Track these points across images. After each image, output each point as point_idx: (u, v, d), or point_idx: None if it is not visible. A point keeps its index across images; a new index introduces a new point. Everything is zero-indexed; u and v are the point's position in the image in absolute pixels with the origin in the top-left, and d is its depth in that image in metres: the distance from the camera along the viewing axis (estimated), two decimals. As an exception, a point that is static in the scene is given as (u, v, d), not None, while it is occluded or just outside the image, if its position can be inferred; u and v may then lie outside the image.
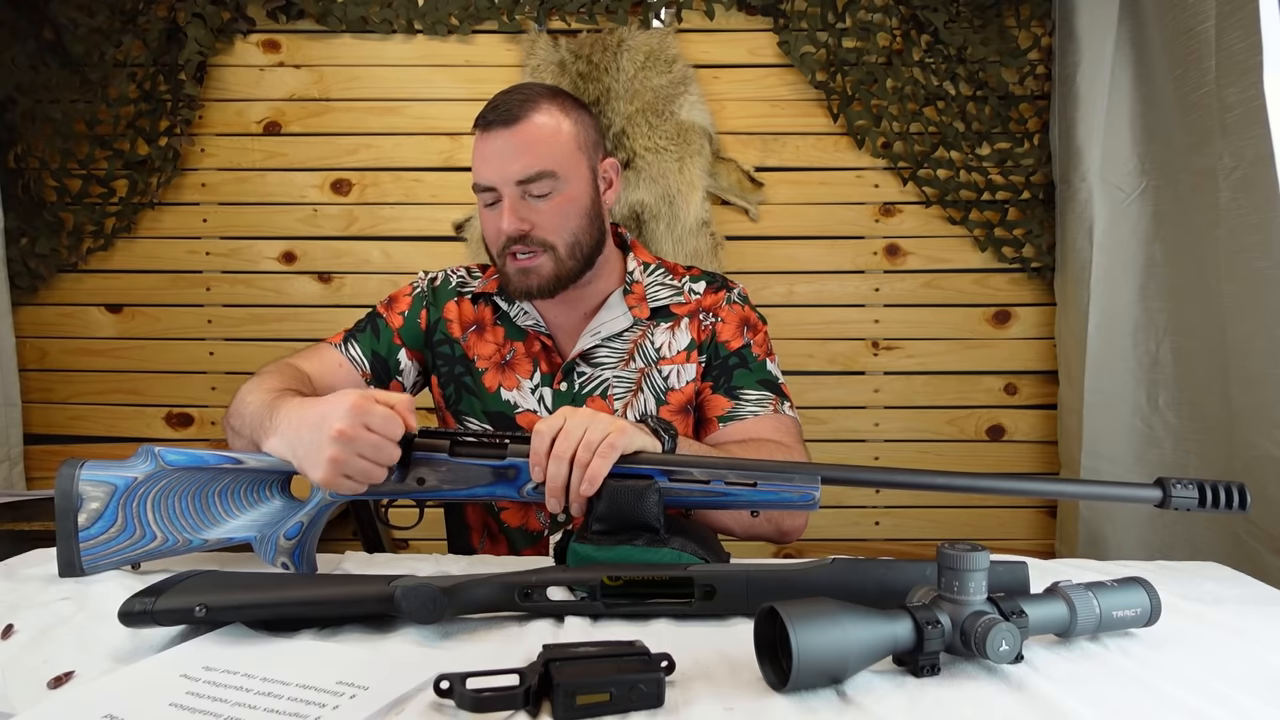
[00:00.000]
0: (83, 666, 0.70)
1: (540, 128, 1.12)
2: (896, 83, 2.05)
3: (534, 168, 1.11)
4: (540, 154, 1.12)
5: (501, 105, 1.13)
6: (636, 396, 1.21)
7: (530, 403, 1.21)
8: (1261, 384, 1.36)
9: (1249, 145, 1.36)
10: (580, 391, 1.21)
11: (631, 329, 1.22)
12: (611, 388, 1.20)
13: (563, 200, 1.14)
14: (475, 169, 1.14)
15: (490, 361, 1.24)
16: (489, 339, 1.25)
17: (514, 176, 1.11)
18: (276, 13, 2.06)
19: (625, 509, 0.88)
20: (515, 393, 1.22)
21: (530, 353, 1.23)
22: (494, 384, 1.23)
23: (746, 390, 1.20)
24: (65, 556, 0.91)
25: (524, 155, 1.11)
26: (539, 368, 1.22)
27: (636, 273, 1.26)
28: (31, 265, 2.07)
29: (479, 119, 1.14)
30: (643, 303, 1.24)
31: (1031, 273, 2.09)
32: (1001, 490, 0.92)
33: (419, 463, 0.93)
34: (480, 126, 1.14)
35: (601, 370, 1.21)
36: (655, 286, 1.26)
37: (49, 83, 2.03)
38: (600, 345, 1.22)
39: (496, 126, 1.12)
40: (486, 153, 1.13)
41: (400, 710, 0.62)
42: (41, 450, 2.12)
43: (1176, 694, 0.65)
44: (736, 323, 1.25)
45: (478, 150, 1.14)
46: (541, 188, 1.12)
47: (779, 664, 0.66)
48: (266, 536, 0.93)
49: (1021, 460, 2.14)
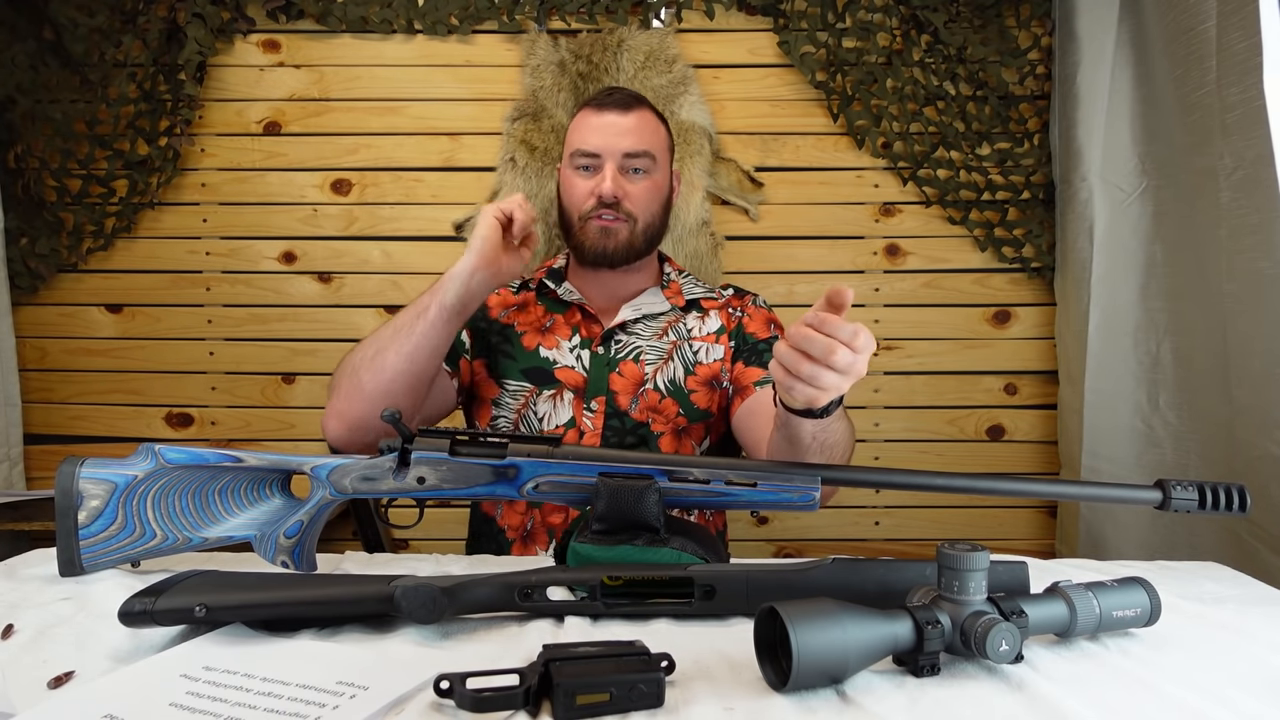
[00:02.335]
0: (83, 666, 0.70)
1: (647, 119, 1.33)
2: (896, 83, 2.05)
3: (641, 146, 1.30)
4: (646, 137, 1.31)
5: (616, 94, 1.33)
6: (667, 364, 1.33)
7: (568, 359, 1.32)
8: (1262, 384, 1.36)
9: (1250, 145, 1.36)
10: (615, 356, 1.33)
11: (668, 313, 1.37)
12: (644, 354, 1.33)
13: (652, 184, 1.32)
14: (581, 137, 1.31)
15: (530, 326, 1.36)
16: (530, 313, 1.37)
17: (623, 149, 1.29)
18: (276, 13, 2.06)
19: (625, 509, 0.88)
20: (555, 351, 1.33)
21: (570, 321, 1.36)
22: (533, 344, 1.34)
23: None
24: (65, 554, 0.91)
25: (634, 134, 1.30)
26: (579, 333, 1.34)
27: (672, 274, 1.44)
28: (31, 265, 2.07)
29: (591, 100, 1.33)
30: (679, 296, 1.40)
31: (1031, 273, 2.09)
32: (1001, 491, 0.93)
33: (419, 462, 0.93)
34: (593, 105, 1.32)
35: (636, 339, 1.34)
36: (689, 285, 1.43)
37: (49, 83, 2.03)
38: (638, 320, 1.35)
39: (611, 108, 1.30)
40: (598, 124, 1.30)
41: (400, 710, 0.62)
42: (41, 450, 2.12)
43: (1176, 694, 0.65)
44: (763, 320, 1.39)
45: (586, 123, 1.31)
46: (642, 163, 1.30)
47: (779, 664, 0.66)
48: (266, 535, 0.94)
49: (1021, 460, 2.14)
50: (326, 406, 1.18)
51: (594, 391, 1.30)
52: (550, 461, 0.92)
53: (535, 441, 0.94)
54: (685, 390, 1.32)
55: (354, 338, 2.12)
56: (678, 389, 1.31)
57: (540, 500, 0.92)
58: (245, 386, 2.14)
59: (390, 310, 2.13)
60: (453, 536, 1.38)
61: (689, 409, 1.31)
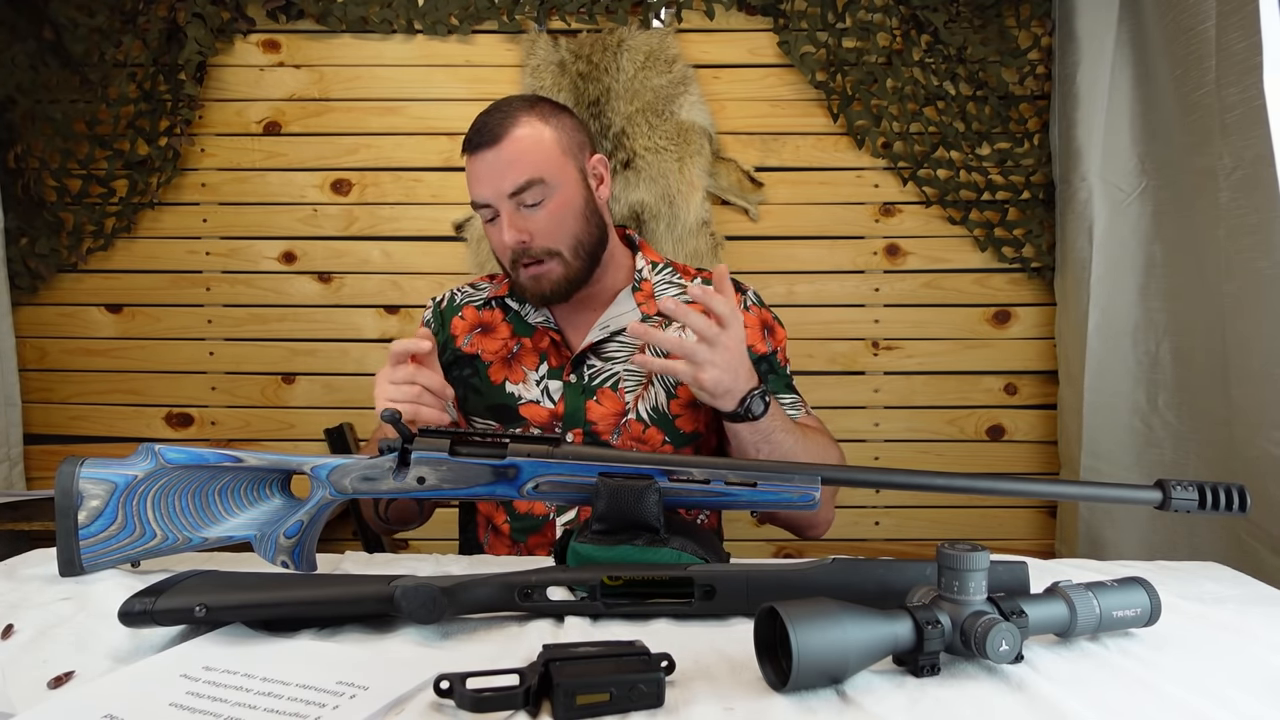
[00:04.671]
0: (83, 666, 0.70)
1: (522, 140, 1.15)
2: (896, 83, 2.05)
3: (522, 178, 1.14)
4: (526, 165, 1.15)
5: (484, 127, 1.16)
6: (647, 390, 1.23)
7: (535, 394, 1.23)
8: (1262, 384, 1.36)
9: (1249, 145, 1.36)
10: (590, 383, 1.22)
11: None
12: (622, 381, 1.23)
13: (556, 206, 1.17)
14: (470, 189, 1.18)
15: (495, 356, 1.26)
16: (495, 336, 1.27)
17: (505, 190, 1.15)
18: (276, 13, 2.06)
19: (625, 509, 0.88)
20: (520, 386, 1.24)
21: (538, 347, 1.25)
22: (499, 377, 1.25)
23: (780, 395, 1.24)
24: (65, 554, 0.90)
25: (511, 169, 1.14)
26: (547, 361, 1.24)
27: (645, 271, 1.30)
28: (31, 265, 2.07)
29: (465, 144, 1.18)
30: (651, 300, 1.27)
31: (1031, 273, 2.09)
32: (1001, 491, 0.93)
33: (419, 462, 0.93)
34: (468, 151, 1.17)
35: (612, 364, 1.24)
36: (664, 285, 1.29)
37: (49, 83, 2.03)
38: (610, 340, 1.24)
39: (483, 147, 1.15)
40: (477, 170, 1.16)
41: (400, 710, 0.62)
42: (41, 450, 2.12)
43: (1177, 694, 0.65)
44: (757, 326, 1.28)
45: (470, 173, 1.18)
46: (533, 196, 1.15)
47: (779, 664, 0.66)
48: (266, 535, 0.93)
49: (1021, 460, 2.14)
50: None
51: (570, 424, 1.21)
52: (550, 461, 0.92)
53: (535, 441, 0.94)
54: (670, 416, 1.22)
55: (354, 338, 2.13)
56: (661, 416, 1.22)
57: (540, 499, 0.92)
58: (245, 386, 2.14)
59: (390, 310, 2.13)
60: (452, 537, 1.38)
61: (674, 434, 1.22)
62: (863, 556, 0.96)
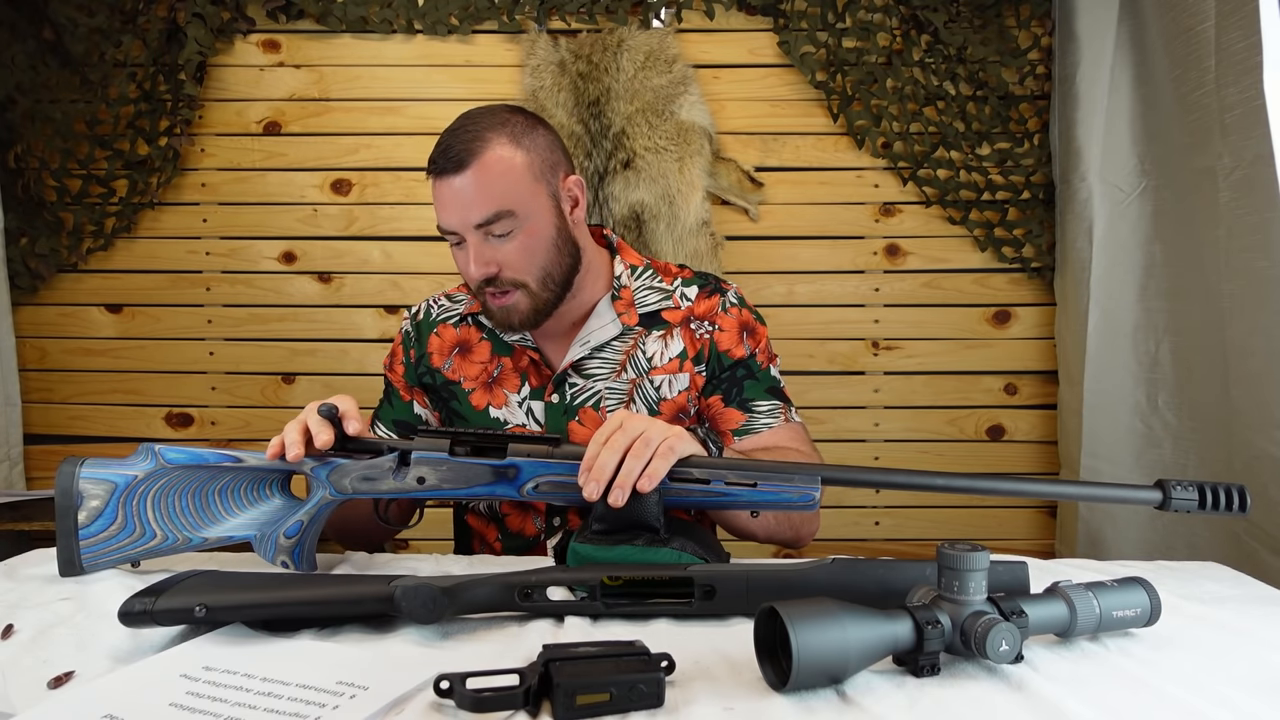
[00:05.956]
0: (83, 666, 0.70)
1: (492, 167, 1.07)
2: (896, 83, 2.05)
3: (490, 209, 1.07)
4: (495, 195, 1.07)
5: (450, 149, 1.08)
6: (629, 408, 1.18)
7: (519, 417, 1.19)
8: (1261, 384, 1.36)
9: (1249, 145, 1.36)
10: (572, 403, 1.18)
11: (621, 338, 1.19)
12: (604, 399, 1.18)
13: (526, 237, 1.10)
14: (437, 214, 1.11)
15: (477, 381, 1.21)
16: (474, 359, 1.23)
17: (473, 221, 1.08)
18: (276, 13, 2.06)
19: (625, 509, 0.88)
20: (504, 410, 1.20)
21: (518, 367, 1.21)
22: (482, 403, 1.21)
23: (758, 402, 1.19)
24: (65, 554, 0.91)
25: (480, 199, 1.07)
26: (528, 382, 1.20)
27: (624, 277, 1.22)
28: (31, 265, 2.07)
29: (430, 164, 1.10)
30: (631, 309, 1.20)
31: (1031, 273, 2.09)
32: (1001, 491, 0.92)
33: (419, 462, 0.93)
34: (433, 173, 1.09)
35: (594, 382, 1.19)
36: (644, 291, 1.22)
37: (49, 83, 2.03)
38: (591, 356, 1.19)
39: (447, 173, 1.07)
40: (443, 195, 1.09)
41: (400, 710, 0.62)
42: (41, 450, 2.12)
43: (1177, 694, 0.65)
44: (736, 329, 1.21)
45: (436, 197, 1.10)
46: (502, 227, 1.08)
47: (779, 664, 0.66)
48: (266, 535, 0.94)
49: (1021, 460, 2.14)
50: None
51: None
52: (550, 461, 0.92)
53: (535, 441, 0.94)
54: None
55: (354, 338, 2.13)
56: None
57: (540, 500, 0.91)
58: (245, 386, 2.14)
59: (390, 310, 2.13)
60: (452, 537, 1.37)
61: None
62: (863, 556, 0.96)
